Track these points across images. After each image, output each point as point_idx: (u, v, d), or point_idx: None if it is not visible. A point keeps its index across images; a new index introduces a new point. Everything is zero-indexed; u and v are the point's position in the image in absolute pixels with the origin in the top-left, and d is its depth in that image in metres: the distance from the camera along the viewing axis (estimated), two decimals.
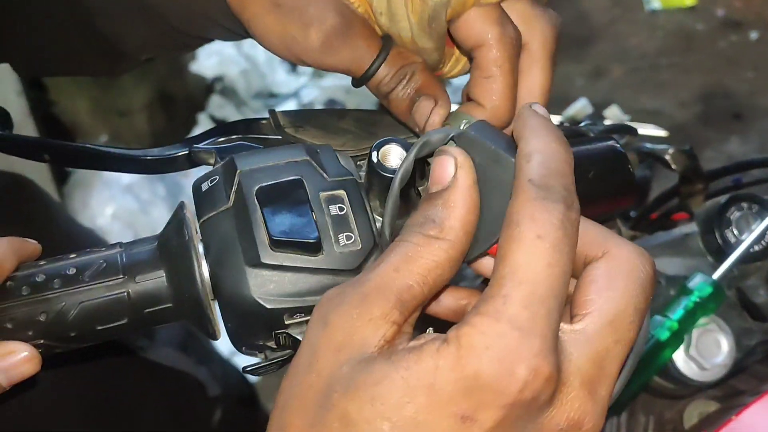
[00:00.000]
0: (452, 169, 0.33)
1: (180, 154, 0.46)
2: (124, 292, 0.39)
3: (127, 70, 0.60)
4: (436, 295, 0.35)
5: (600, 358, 0.31)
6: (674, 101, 2.06)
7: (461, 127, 0.42)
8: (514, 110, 0.44)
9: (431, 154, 0.36)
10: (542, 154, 0.32)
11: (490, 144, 0.34)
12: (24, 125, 1.60)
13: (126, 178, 1.94)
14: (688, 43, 2.19)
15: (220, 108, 2.09)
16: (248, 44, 2.14)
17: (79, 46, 0.54)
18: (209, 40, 0.52)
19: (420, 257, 0.32)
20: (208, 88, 2.13)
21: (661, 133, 1.01)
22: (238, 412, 0.92)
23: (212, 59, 2.08)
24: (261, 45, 0.45)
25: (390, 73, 0.44)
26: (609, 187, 0.35)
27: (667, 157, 0.71)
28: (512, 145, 0.34)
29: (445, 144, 0.36)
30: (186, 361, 0.79)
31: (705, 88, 2.07)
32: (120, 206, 1.86)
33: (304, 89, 2.15)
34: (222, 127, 0.48)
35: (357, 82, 0.45)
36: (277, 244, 0.36)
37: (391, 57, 0.44)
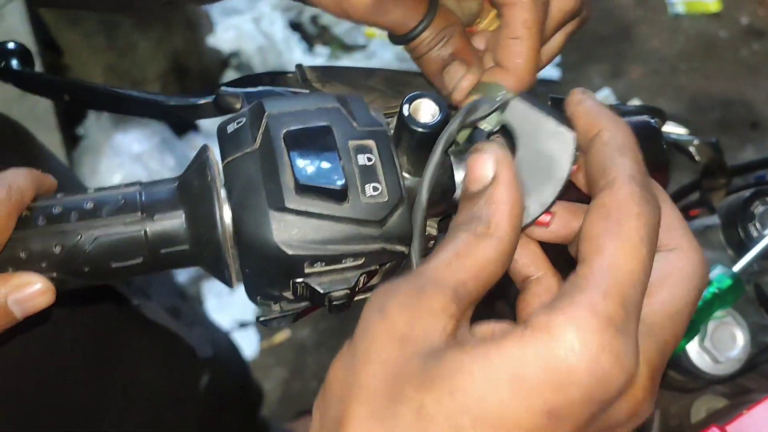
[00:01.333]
0: (491, 166, 0.33)
1: (204, 101, 0.45)
2: (141, 230, 0.38)
3: (142, 12, 0.59)
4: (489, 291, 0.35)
5: (662, 351, 0.31)
6: (692, 106, 2.05)
7: (498, 99, 0.42)
8: (535, 74, 0.43)
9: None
10: (633, 150, 0.33)
11: (542, 114, 0.35)
12: None
13: (136, 147, 1.93)
14: (710, 50, 2.18)
15: None
16: (267, 21, 2.13)
17: None
18: None
19: (470, 255, 0.32)
20: (223, 62, 2.12)
21: (681, 130, 1.00)
22: (226, 376, 0.92)
23: (229, 33, 2.07)
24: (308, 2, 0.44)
25: (431, 35, 0.43)
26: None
27: (692, 149, 0.70)
28: (561, 115, 0.35)
29: (493, 112, 0.36)
30: (177, 324, 0.80)
31: (724, 95, 2.05)
32: (128, 174, 1.86)
33: None
34: (247, 78, 0.47)
35: (397, 40, 0.44)
36: (302, 189, 0.35)
37: (435, 18, 0.43)
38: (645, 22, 2.26)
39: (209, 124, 1.96)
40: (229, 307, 1.72)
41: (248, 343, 1.68)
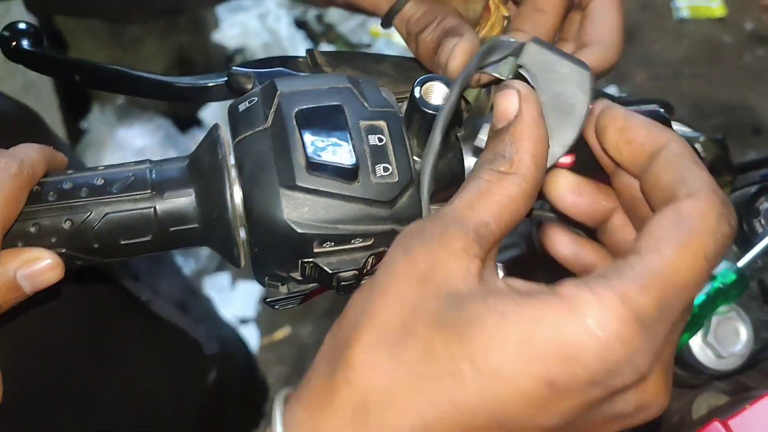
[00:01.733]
0: (516, 102, 0.33)
1: (215, 82, 0.45)
2: (150, 207, 0.38)
3: (143, 20, 0.59)
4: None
5: (674, 344, 0.31)
6: (694, 111, 2.05)
7: (513, 42, 0.41)
8: None
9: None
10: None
11: (557, 55, 0.35)
12: (41, 82, 1.60)
13: (139, 142, 1.93)
14: (714, 55, 2.18)
15: None
16: (272, 18, 2.13)
17: None
18: None
19: (493, 193, 0.32)
20: (228, 59, 2.12)
21: (686, 129, 1.01)
22: (234, 372, 0.92)
23: (235, 30, 2.07)
24: None
25: (419, 12, 0.43)
26: None
27: (697, 146, 0.70)
28: (574, 57, 0.35)
29: (510, 54, 0.36)
30: (184, 319, 0.80)
31: (727, 100, 2.05)
32: None
33: None
34: (257, 61, 0.47)
35: (385, 20, 0.45)
36: (313, 168, 0.35)
37: None
38: (649, 26, 2.26)
39: (213, 120, 1.97)
40: (229, 303, 1.72)
41: (248, 340, 1.68)
